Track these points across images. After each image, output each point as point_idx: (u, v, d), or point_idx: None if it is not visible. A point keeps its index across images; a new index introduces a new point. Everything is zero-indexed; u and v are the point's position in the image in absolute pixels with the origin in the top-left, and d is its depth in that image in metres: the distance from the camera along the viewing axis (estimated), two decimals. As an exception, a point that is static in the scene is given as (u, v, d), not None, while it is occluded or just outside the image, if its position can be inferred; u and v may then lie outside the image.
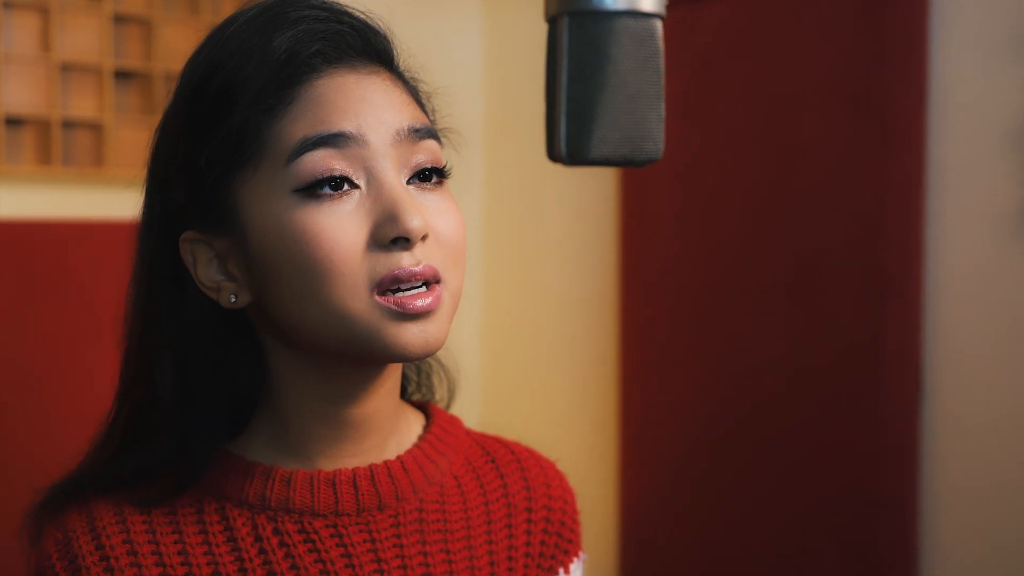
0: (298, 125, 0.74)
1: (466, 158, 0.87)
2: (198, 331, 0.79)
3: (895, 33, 1.79)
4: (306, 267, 0.73)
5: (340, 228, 0.73)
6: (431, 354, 0.76)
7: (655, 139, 0.92)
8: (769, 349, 1.98)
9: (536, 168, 2.36)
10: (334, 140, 0.74)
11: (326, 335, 0.75)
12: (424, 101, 0.84)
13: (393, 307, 0.73)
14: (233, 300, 0.78)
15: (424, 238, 0.75)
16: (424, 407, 0.92)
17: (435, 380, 0.94)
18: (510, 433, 0.98)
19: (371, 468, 0.82)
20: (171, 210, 0.80)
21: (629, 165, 0.91)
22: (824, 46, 1.88)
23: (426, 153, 0.78)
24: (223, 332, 0.80)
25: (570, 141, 0.82)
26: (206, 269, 0.78)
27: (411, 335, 0.74)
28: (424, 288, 0.74)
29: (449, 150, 0.82)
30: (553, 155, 0.91)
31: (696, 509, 2.11)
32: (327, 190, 0.74)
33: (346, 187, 0.74)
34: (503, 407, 2.50)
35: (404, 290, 0.74)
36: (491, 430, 0.97)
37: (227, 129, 0.75)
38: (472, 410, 2.30)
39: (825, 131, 1.88)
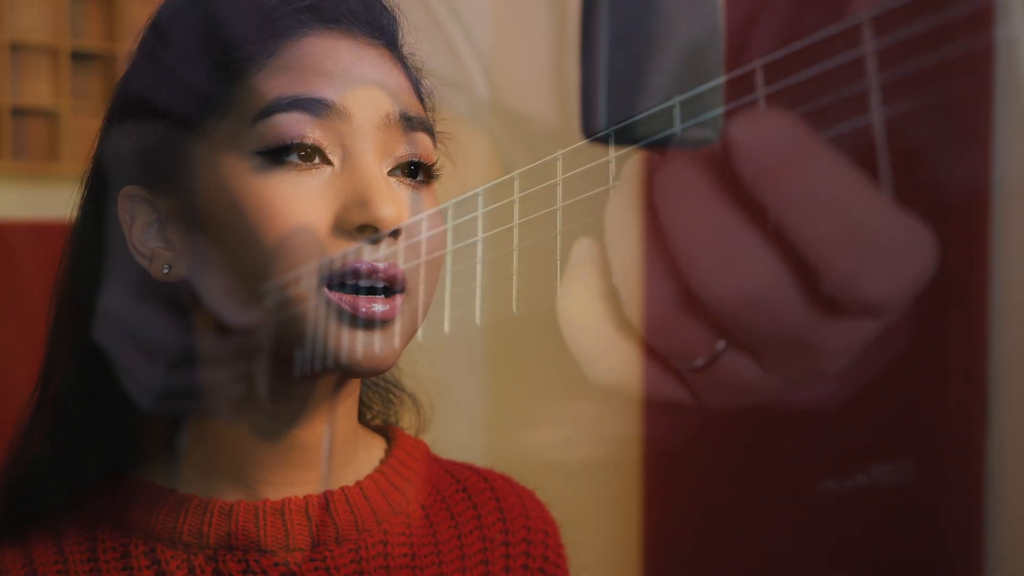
0: (275, 81, 0.71)
1: (462, 170, 0.83)
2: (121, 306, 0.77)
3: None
4: (253, 242, 0.69)
5: (301, 204, 0.69)
6: (377, 372, 0.73)
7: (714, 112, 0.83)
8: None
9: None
10: (313, 106, 0.70)
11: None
12: (425, 96, 0.81)
13: (344, 307, 0.69)
14: (166, 271, 0.74)
15: (396, 235, 0.71)
16: (385, 431, 0.88)
17: (402, 410, 0.90)
18: (520, 460, 0.96)
19: (326, 495, 0.78)
20: (117, 161, 0.77)
21: (683, 145, 0.81)
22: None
23: (416, 146, 0.75)
24: (151, 310, 0.77)
25: (612, 116, 0.72)
26: (143, 233, 0.75)
27: (357, 344, 0.70)
28: (383, 295, 0.71)
29: (443, 157, 0.81)
30: (590, 134, 0.80)
31: (731, 549, 2.03)
32: (294, 158, 0.70)
33: (317, 160, 0.70)
34: (511, 431, 2.49)
35: (361, 288, 0.70)
36: (498, 459, 0.95)
37: (195, 73, 0.72)
38: (475, 436, 2.41)
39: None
